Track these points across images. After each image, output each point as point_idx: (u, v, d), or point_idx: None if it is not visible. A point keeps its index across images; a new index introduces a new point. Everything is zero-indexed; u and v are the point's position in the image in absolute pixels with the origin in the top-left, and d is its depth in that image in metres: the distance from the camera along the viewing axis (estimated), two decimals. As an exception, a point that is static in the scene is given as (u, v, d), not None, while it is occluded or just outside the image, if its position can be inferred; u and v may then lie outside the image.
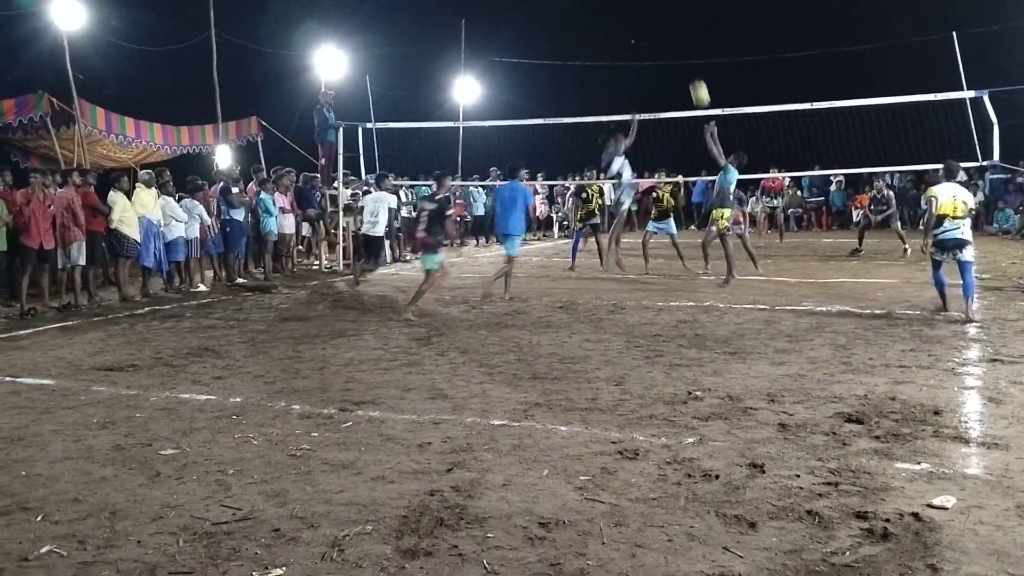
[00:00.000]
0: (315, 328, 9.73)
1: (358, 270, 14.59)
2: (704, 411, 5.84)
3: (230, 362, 7.90)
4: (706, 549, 3.65)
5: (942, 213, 9.65)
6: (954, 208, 9.64)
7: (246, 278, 14.82)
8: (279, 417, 5.92)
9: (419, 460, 4.90)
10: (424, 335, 9.08)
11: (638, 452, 4.94)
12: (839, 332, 8.66)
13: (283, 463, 4.91)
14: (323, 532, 3.88)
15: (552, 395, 6.35)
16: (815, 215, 26.30)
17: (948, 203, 9.69)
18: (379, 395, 6.48)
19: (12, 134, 15.92)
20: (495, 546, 3.72)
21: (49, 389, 6.94)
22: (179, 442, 5.36)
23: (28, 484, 4.64)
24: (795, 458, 4.80)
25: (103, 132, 16.40)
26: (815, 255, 17.28)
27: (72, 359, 8.19)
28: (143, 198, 12.72)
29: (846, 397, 6.10)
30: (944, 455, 4.82)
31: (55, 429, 5.72)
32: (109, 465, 4.94)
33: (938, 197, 9.75)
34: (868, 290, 11.69)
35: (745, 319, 9.60)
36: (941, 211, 9.65)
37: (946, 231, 9.59)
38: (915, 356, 7.45)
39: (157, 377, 7.32)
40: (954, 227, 9.60)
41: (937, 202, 9.73)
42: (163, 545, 3.79)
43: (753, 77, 25.32)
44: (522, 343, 8.51)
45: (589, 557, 3.59)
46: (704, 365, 7.31)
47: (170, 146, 18.55)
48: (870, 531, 3.78)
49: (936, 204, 9.72)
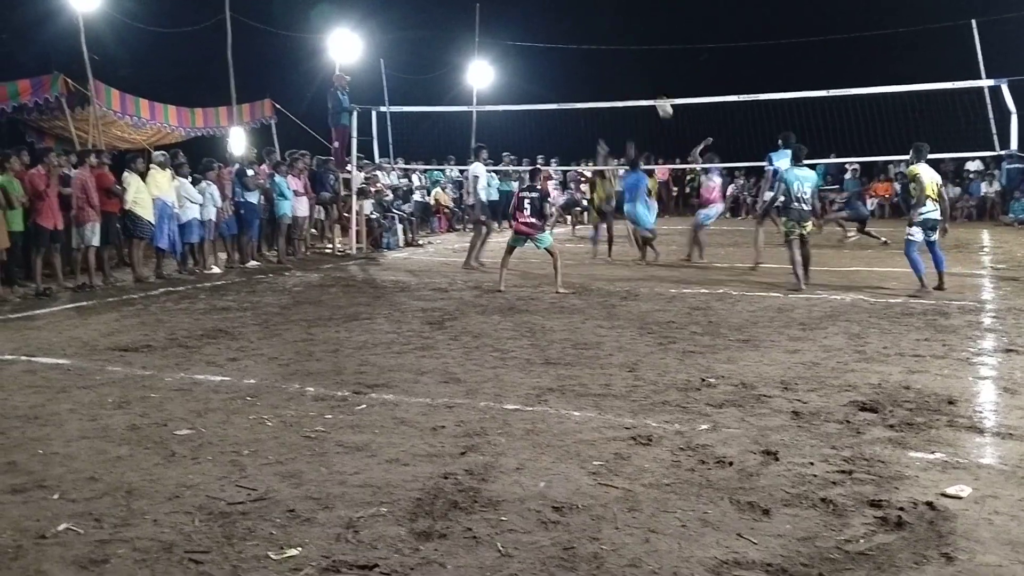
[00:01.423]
0: (328, 311, 9.75)
1: (477, 251, 14.31)
2: (717, 398, 5.83)
3: (244, 344, 7.93)
4: (720, 535, 3.65)
5: (927, 194, 9.66)
6: (935, 190, 9.65)
7: (260, 260, 14.87)
8: (293, 399, 5.95)
9: (433, 443, 4.92)
10: (438, 319, 9.09)
11: (651, 438, 4.95)
12: (853, 320, 8.62)
13: (298, 444, 4.93)
14: (338, 513, 3.90)
15: (565, 380, 6.36)
16: (829, 204, 26.13)
17: (931, 184, 9.70)
18: (393, 378, 6.50)
19: (28, 115, 15.95)
20: (509, 529, 3.73)
21: (65, 369, 6.99)
22: (194, 422, 5.39)
23: (45, 462, 4.68)
24: (809, 446, 4.80)
25: (118, 113, 16.41)
26: (828, 243, 17.16)
27: (87, 339, 8.23)
28: (158, 179, 12.76)
29: (860, 386, 6.08)
30: (959, 444, 4.81)
31: (71, 408, 5.76)
32: (125, 444, 4.97)
33: (923, 178, 9.71)
34: (882, 278, 11.63)
35: (759, 307, 9.57)
36: (927, 192, 9.66)
37: (929, 212, 9.67)
38: (929, 345, 7.42)
39: (172, 358, 7.35)
40: (934, 208, 9.70)
41: (923, 183, 9.72)
42: (179, 524, 3.82)
43: (768, 63, 25.17)
44: (535, 328, 8.51)
45: (603, 541, 3.60)
46: (718, 352, 7.30)
47: (184, 128, 18.55)
48: (884, 519, 3.78)
49: (923, 185, 9.70)
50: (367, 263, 15.22)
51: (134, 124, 17.01)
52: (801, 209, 10.89)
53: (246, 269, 14.04)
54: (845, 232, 16.81)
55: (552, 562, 3.42)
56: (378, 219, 17.69)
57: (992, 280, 11.51)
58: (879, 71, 19.41)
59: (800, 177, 10.95)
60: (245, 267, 14.20)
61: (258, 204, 14.54)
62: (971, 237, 18.07)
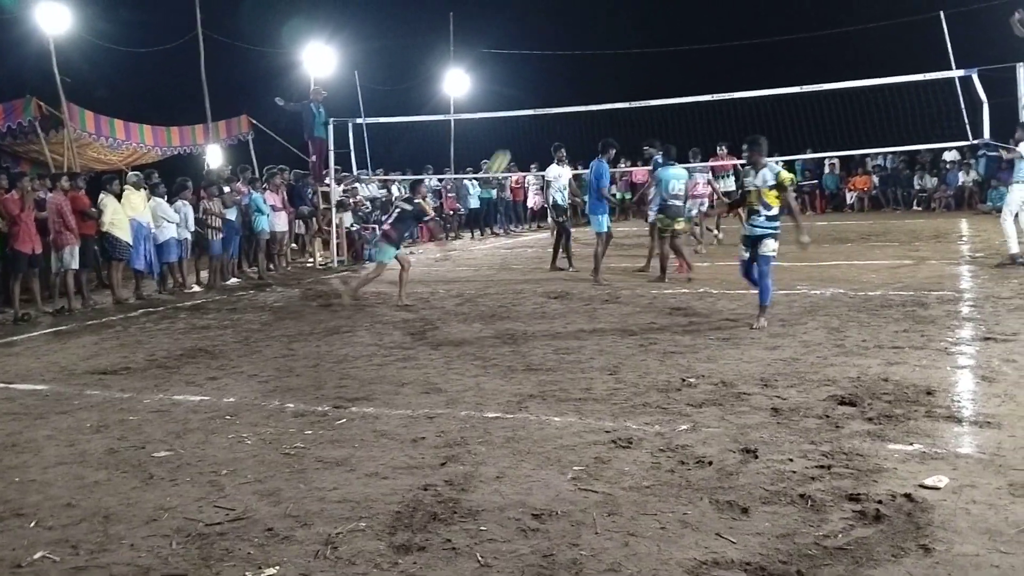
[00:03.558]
0: (309, 326, 9.72)
1: (563, 253, 13.95)
2: (698, 398, 5.84)
3: (224, 362, 7.89)
4: (699, 536, 3.65)
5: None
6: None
7: (240, 277, 14.81)
8: (273, 416, 5.92)
9: (413, 455, 4.90)
10: (419, 329, 9.07)
11: (631, 441, 4.95)
12: (832, 315, 8.66)
13: (277, 462, 4.91)
14: (316, 530, 3.88)
15: (546, 386, 6.35)
16: (808, 198, 26.27)
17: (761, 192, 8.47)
18: (373, 391, 6.48)
19: (2, 140, 15.87)
20: (488, 539, 3.72)
21: (43, 395, 6.93)
22: (173, 444, 5.35)
23: (21, 490, 4.64)
24: (788, 442, 4.81)
25: (93, 135, 16.35)
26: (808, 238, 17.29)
27: (66, 364, 8.17)
28: (132, 200, 12.68)
29: (839, 380, 6.10)
30: (937, 435, 4.82)
31: (48, 434, 5.71)
32: (102, 469, 4.94)
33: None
34: (861, 272, 11.70)
35: (739, 304, 9.59)
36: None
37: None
38: (908, 337, 7.45)
39: (151, 379, 7.31)
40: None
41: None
42: (156, 548, 3.79)
43: (742, 61, 25.34)
44: (516, 335, 8.50)
45: (582, 547, 3.59)
46: (698, 352, 7.31)
47: (161, 147, 18.50)
48: (862, 513, 3.78)
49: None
50: (348, 275, 15.18)
51: (110, 145, 16.96)
52: (676, 206, 11.71)
53: (226, 287, 13.98)
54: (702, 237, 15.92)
55: (531, 570, 3.41)
56: (358, 231, 17.64)
57: (971, 269, 11.57)
58: (852, 66, 19.55)
59: (674, 176, 11.79)
60: (225, 284, 14.13)
61: (236, 221, 14.47)
62: (950, 227, 18.18)
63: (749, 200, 8.35)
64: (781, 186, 8.17)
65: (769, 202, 8.19)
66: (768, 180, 8.19)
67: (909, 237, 16.39)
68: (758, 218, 8.25)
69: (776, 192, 8.19)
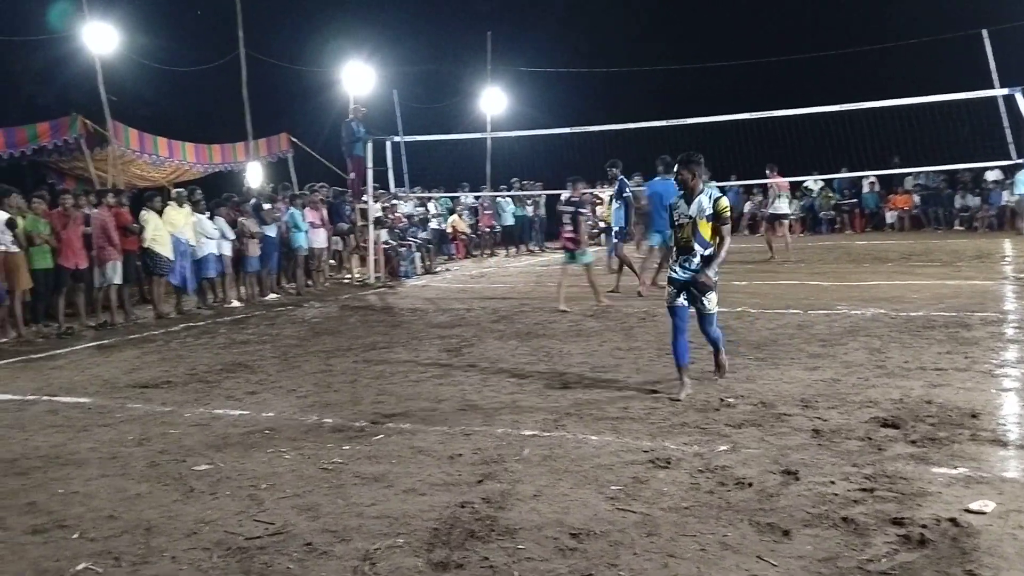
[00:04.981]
0: (347, 342, 9.78)
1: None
2: (737, 418, 5.78)
3: (263, 377, 7.97)
4: (739, 558, 3.61)
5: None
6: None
7: (279, 293, 14.95)
8: (311, 431, 5.96)
9: (450, 472, 4.91)
10: (455, 346, 9.09)
11: (670, 461, 4.91)
12: (874, 335, 8.54)
13: (315, 477, 4.93)
14: (355, 546, 3.89)
15: (583, 405, 6.33)
16: (848, 217, 26.02)
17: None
18: (410, 407, 6.50)
19: (48, 156, 16.21)
20: (526, 557, 3.71)
21: (86, 407, 7.04)
22: (213, 457, 5.41)
23: (65, 502, 4.71)
24: (830, 464, 4.74)
25: (136, 152, 16.65)
26: (848, 257, 17.08)
27: (108, 377, 8.30)
28: (173, 217, 12.88)
29: (881, 401, 6.02)
30: (982, 459, 4.74)
31: (91, 447, 5.80)
32: (144, 482, 5.00)
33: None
34: (903, 292, 11.53)
35: (778, 324, 9.51)
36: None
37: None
38: (952, 359, 7.33)
39: (191, 393, 7.39)
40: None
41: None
42: (197, 560, 3.82)
43: (781, 79, 25.17)
44: (552, 352, 8.49)
45: (621, 568, 3.57)
46: (736, 371, 7.24)
47: (202, 164, 18.78)
48: (907, 537, 3.72)
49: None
50: (385, 292, 15.27)
51: (153, 162, 17.25)
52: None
53: (265, 302, 14.12)
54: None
55: (570, 590, 3.39)
56: (394, 248, 17.75)
57: (1015, 289, 11.38)
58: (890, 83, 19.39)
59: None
60: (264, 300, 14.28)
61: (276, 238, 14.65)
62: (992, 247, 17.89)
63: (681, 236, 6.60)
64: (719, 216, 6.48)
65: (706, 237, 6.51)
66: (705, 209, 6.47)
67: (951, 257, 16.15)
68: (692, 259, 6.53)
69: (713, 225, 6.51)
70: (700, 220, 6.49)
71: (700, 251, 6.50)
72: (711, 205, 6.46)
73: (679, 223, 6.61)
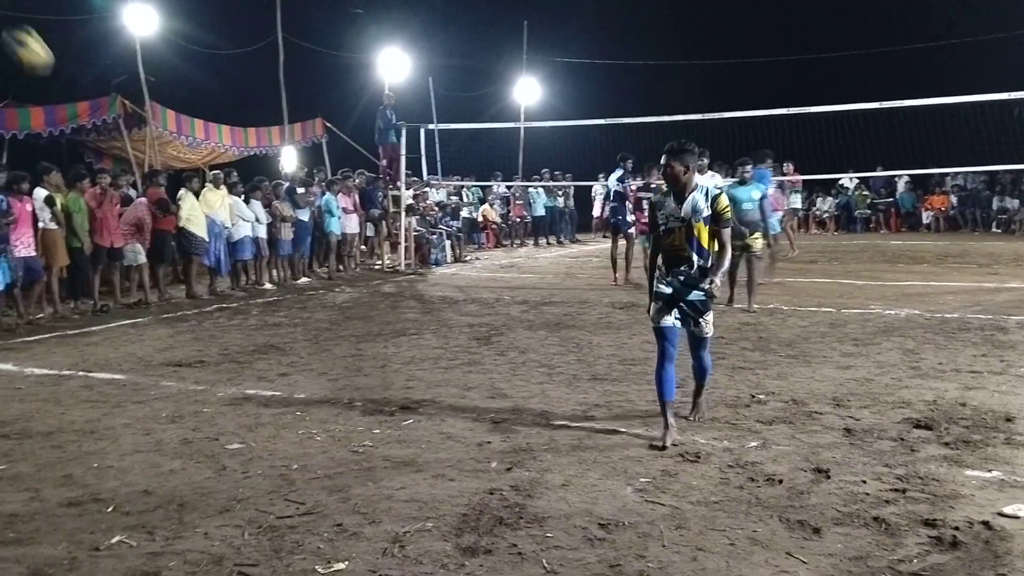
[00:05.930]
0: (377, 327, 9.84)
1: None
2: (767, 415, 5.75)
3: (295, 359, 8.03)
4: (769, 554, 3.60)
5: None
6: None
7: (311, 277, 15.06)
8: (342, 414, 6.00)
9: (479, 459, 4.93)
10: (484, 334, 9.11)
11: (699, 455, 4.90)
12: (908, 336, 8.46)
13: (345, 459, 4.97)
14: (384, 528, 3.93)
15: (612, 396, 6.33)
16: (883, 216, 25.73)
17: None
18: (440, 393, 6.53)
19: (86, 135, 16.41)
20: (554, 545, 3.72)
21: (120, 384, 7.13)
22: (245, 437, 5.46)
23: (100, 476, 4.78)
24: (861, 464, 4.71)
25: (174, 134, 16.81)
26: (883, 257, 16.89)
27: (142, 355, 8.40)
28: (209, 198, 13.01)
29: (915, 402, 5.96)
30: (1016, 463, 4.68)
31: (126, 423, 5.88)
32: (177, 458, 5.06)
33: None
34: (938, 293, 11.40)
35: (810, 322, 9.43)
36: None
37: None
38: (987, 361, 7.24)
39: (224, 373, 7.47)
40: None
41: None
42: (229, 537, 3.87)
43: (817, 74, 24.93)
44: (582, 344, 8.49)
45: (649, 559, 3.57)
46: (768, 368, 7.20)
47: (238, 147, 18.93)
48: (939, 539, 3.69)
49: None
50: (415, 279, 15.33)
51: (189, 144, 17.40)
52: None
53: (297, 285, 14.23)
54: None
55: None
56: (424, 235, 17.81)
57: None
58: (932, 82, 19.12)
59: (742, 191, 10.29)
60: (296, 283, 14.39)
61: (309, 222, 14.74)
62: (1031, 250, 17.63)
63: (670, 243, 5.36)
64: (719, 217, 5.30)
65: (704, 245, 5.32)
66: (702, 210, 5.26)
67: (988, 259, 15.93)
68: (689, 271, 5.32)
69: (710, 227, 5.33)
70: (696, 223, 5.26)
71: (698, 261, 5.29)
72: (708, 205, 5.26)
73: (666, 227, 5.36)
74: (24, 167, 11.11)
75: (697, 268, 5.30)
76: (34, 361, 8.17)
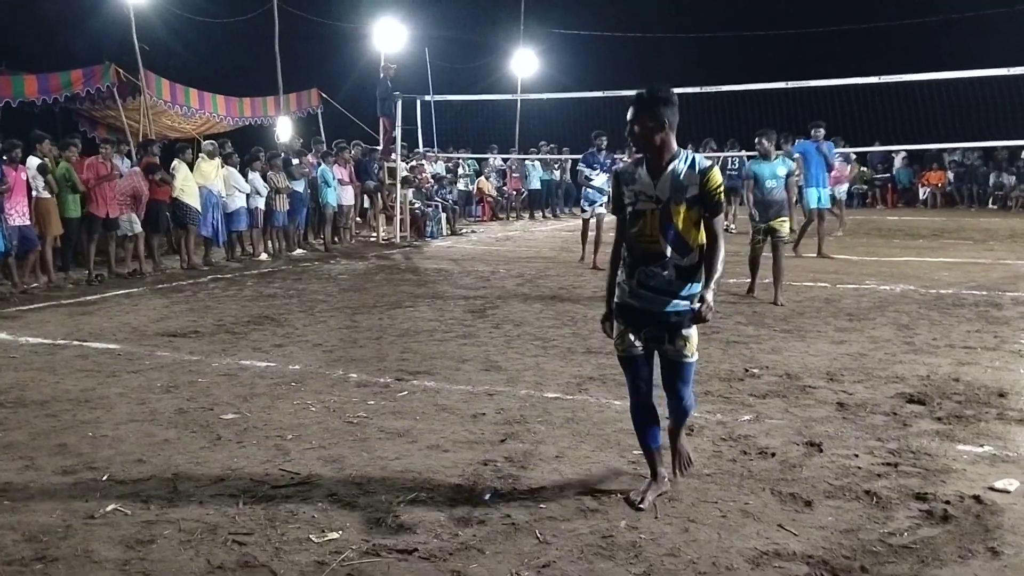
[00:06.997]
0: (372, 299, 9.83)
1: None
2: (761, 388, 5.77)
3: (290, 330, 8.03)
4: (760, 526, 3.62)
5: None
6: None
7: (306, 248, 15.03)
8: (336, 385, 6.01)
9: (473, 430, 4.94)
10: (479, 307, 9.11)
11: (692, 428, 4.90)
12: (902, 311, 8.47)
13: (340, 430, 4.99)
14: (379, 498, 3.94)
15: (606, 369, 6.33)
16: (880, 192, 25.71)
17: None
18: (434, 365, 6.54)
19: (80, 104, 16.27)
20: (548, 516, 3.74)
21: (115, 353, 7.13)
22: (239, 407, 5.47)
23: (94, 445, 4.79)
24: (854, 438, 4.73)
25: (168, 103, 16.66)
26: (879, 233, 16.90)
27: (137, 325, 8.40)
28: (204, 168, 12.94)
29: (908, 377, 5.98)
30: (1008, 438, 4.71)
31: (120, 392, 5.88)
32: (172, 428, 5.07)
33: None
34: (933, 269, 11.42)
35: (805, 296, 9.44)
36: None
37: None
38: (980, 337, 7.26)
39: (219, 344, 7.47)
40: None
41: None
42: (224, 506, 3.88)
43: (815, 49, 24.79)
44: (577, 317, 8.49)
45: (642, 531, 3.59)
46: (762, 342, 7.22)
47: (232, 117, 18.79)
48: (929, 513, 3.72)
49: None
50: (411, 251, 15.31)
51: (183, 114, 17.26)
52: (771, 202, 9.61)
53: (292, 257, 14.20)
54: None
55: (590, 550, 3.42)
56: (420, 208, 17.76)
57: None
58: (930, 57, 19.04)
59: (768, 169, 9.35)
60: (291, 255, 14.36)
61: (304, 193, 14.69)
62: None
63: (638, 231, 3.87)
64: (708, 199, 3.77)
65: (685, 235, 3.81)
66: (685, 186, 3.77)
67: (984, 235, 15.95)
68: (664, 274, 3.82)
69: (698, 214, 3.80)
70: (676, 206, 3.77)
71: (676, 259, 3.80)
72: (697, 181, 3.75)
73: (634, 208, 3.88)
74: (19, 136, 11.03)
75: (673, 269, 3.80)
76: (29, 330, 8.16)
